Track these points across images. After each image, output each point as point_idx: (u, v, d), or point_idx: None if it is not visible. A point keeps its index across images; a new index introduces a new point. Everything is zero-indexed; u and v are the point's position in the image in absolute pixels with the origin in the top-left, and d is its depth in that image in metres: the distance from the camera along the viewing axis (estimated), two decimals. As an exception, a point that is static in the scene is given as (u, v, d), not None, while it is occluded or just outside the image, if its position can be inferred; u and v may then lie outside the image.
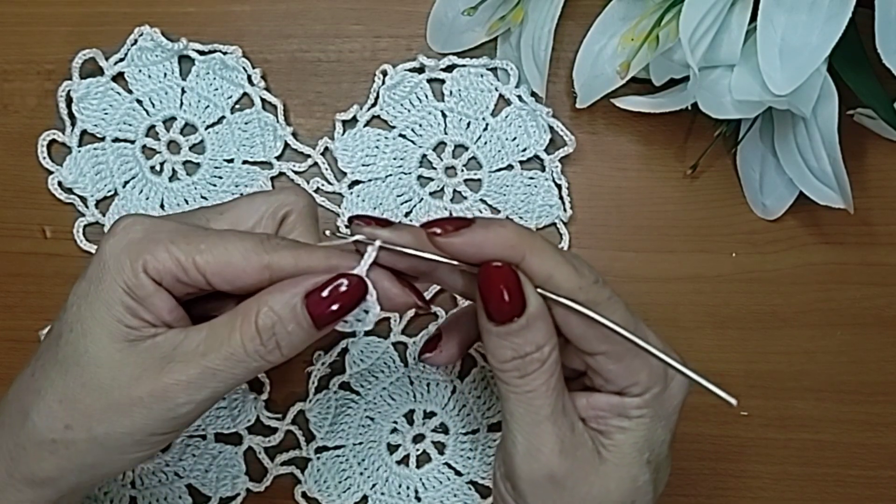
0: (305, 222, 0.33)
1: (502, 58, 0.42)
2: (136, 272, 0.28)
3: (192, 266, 0.28)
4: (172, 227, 0.29)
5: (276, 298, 0.28)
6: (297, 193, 0.33)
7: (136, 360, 0.28)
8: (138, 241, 0.29)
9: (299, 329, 0.28)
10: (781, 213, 0.42)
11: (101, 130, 0.43)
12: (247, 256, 0.28)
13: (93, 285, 0.29)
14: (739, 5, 0.37)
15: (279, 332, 0.28)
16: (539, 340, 0.29)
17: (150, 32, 0.42)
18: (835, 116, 0.37)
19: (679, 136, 0.43)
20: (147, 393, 0.28)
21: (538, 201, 0.42)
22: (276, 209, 0.32)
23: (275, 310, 0.28)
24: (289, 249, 0.29)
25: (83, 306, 0.29)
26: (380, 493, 0.42)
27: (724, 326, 0.43)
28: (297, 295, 0.28)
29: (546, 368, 0.29)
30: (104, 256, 0.29)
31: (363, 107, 0.43)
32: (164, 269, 0.28)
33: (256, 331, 0.28)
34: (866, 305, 0.43)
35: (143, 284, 0.28)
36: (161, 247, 0.28)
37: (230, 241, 0.29)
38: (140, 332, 0.29)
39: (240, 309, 0.29)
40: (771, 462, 0.43)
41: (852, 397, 0.43)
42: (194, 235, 0.29)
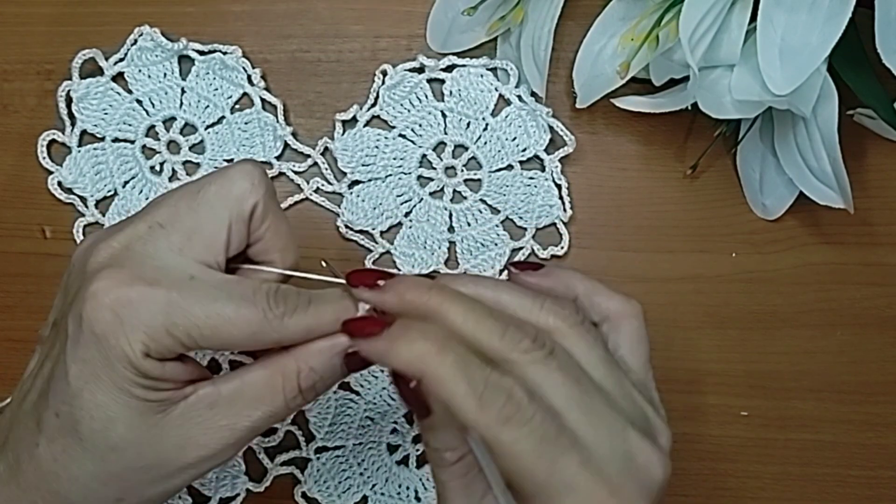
0: (271, 208, 0.30)
1: (502, 58, 0.42)
2: (140, 359, 0.27)
3: (195, 346, 0.27)
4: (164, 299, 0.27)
5: (317, 360, 0.29)
6: (250, 179, 0.29)
7: (174, 431, 0.28)
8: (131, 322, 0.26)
9: (335, 378, 0.30)
10: (781, 213, 0.42)
11: (101, 130, 0.43)
12: (255, 338, 0.28)
13: (100, 370, 0.27)
14: (739, 5, 0.37)
15: (320, 388, 0.29)
16: (448, 443, 0.29)
17: (150, 32, 0.42)
18: (835, 116, 0.37)
19: (679, 136, 0.43)
20: (196, 459, 0.28)
21: (538, 201, 0.42)
22: (240, 210, 0.29)
23: (317, 370, 0.29)
24: (296, 318, 0.28)
25: (97, 392, 0.27)
26: (380, 493, 0.42)
27: (724, 326, 0.43)
28: (337, 355, 0.29)
29: (455, 470, 0.29)
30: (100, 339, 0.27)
31: (363, 107, 0.43)
32: (168, 352, 0.27)
33: (300, 391, 0.29)
34: (866, 305, 0.43)
35: (151, 368, 0.27)
36: (161, 330, 0.27)
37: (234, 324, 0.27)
38: (168, 399, 0.28)
39: (276, 366, 0.29)
40: (771, 462, 0.43)
41: (852, 397, 0.43)
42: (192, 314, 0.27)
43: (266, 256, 0.31)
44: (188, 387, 0.28)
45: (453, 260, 0.43)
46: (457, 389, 0.25)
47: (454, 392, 0.25)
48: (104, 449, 0.27)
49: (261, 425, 0.29)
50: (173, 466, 0.28)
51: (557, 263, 0.43)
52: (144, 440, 0.28)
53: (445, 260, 0.42)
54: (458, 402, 0.25)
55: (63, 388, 0.27)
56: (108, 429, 0.27)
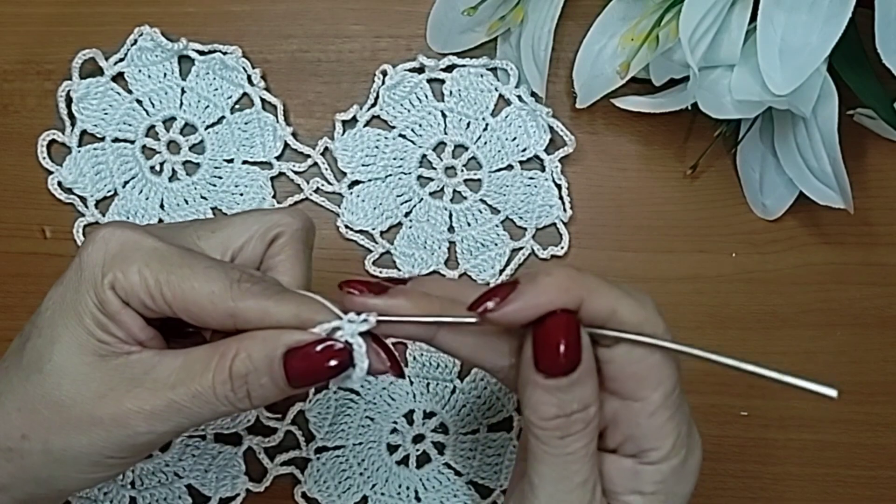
0: (295, 246, 0.31)
1: (502, 58, 0.42)
2: (105, 287, 0.27)
3: (158, 296, 0.27)
4: (151, 246, 0.28)
5: (256, 347, 0.27)
6: (292, 215, 0.31)
7: (102, 377, 0.27)
8: (114, 254, 0.27)
9: (272, 384, 0.27)
10: (781, 213, 0.42)
11: (101, 130, 0.43)
12: (213, 300, 0.27)
13: (68, 292, 0.28)
14: (739, 5, 0.37)
15: (251, 383, 0.27)
16: (587, 399, 0.27)
17: (150, 32, 0.42)
18: (835, 116, 0.37)
19: (679, 136, 0.43)
20: (108, 415, 0.27)
21: (538, 201, 0.42)
22: (267, 229, 0.30)
23: (252, 358, 0.27)
24: (257, 298, 0.27)
25: (56, 312, 0.28)
26: (380, 493, 0.42)
27: (724, 326, 0.43)
28: (277, 349, 0.27)
29: (588, 431, 0.27)
30: (81, 264, 0.28)
31: (363, 107, 0.43)
32: (132, 291, 0.27)
33: (229, 376, 0.27)
34: (866, 305, 0.43)
35: (111, 301, 0.27)
36: (133, 267, 0.27)
37: (198, 280, 0.27)
38: (111, 347, 0.28)
39: (218, 346, 0.28)
40: (771, 462, 0.43)
41: (852, 397, 0.42)
42: (169, 262, 0.27)
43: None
44: (136, 346, 0.28)
45: (453, 260, 0.43)
46: (617, 293, 0.27)
47: (617, 294, 0.27)
48: (33, 368, 0.28)
49: (182, 403, 0.27)
50: (84, 414, 0.27)
51: (557, 263, 0.43)
52: (69, 372, 0.27)
53: (445, 260, 0.42)
54: (625, 303, 0.27)
55: (37, 310, 0.29)
56: (45, 348, 0.28)
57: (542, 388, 0.27)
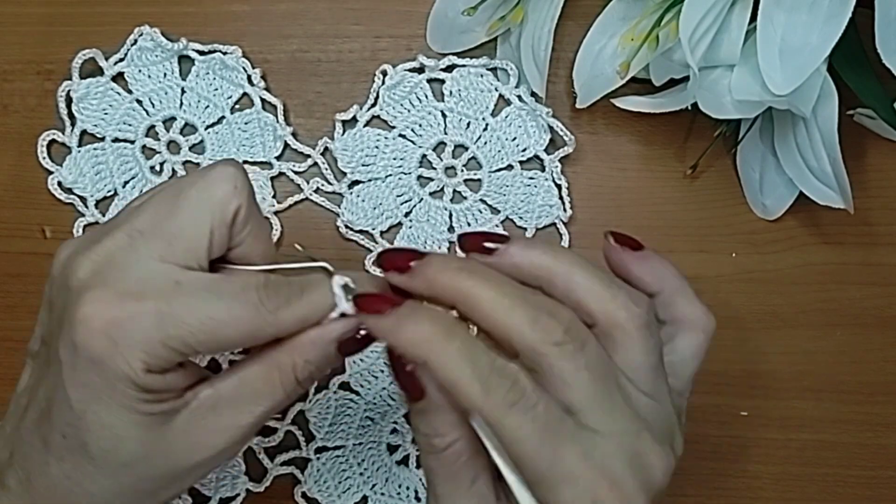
0: (253, 211, 0.30)
1: (502, 58, 0.42)
2: (140, 375, 0.27)
3: (193, 353, 0.27)
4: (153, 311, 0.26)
5: (311, 351, 0.29)
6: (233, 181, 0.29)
7: (180, 437, 0.28)
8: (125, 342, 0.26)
9: (331, 366, 0.30)
10: (781, 213, 0.42)
11: (101, 130, 0.43)
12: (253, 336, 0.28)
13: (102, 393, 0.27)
14: (739, 5, 0.37)
15: (315, 375, 0.30)
16: (438, 429, 0.28)
17: (150, 32, 0.42)
18: (835, 116, 0.37)
19: (679, 136, 0.43)
20: (205, 459, 0.29)
21: (538, 201, 0.42)
22: (223, 214, 0.28)
23: (312, 362, 0.29)
24: (289, 311, 0.28)
25: (102, 414, 0.27)
26: (380, 493, 0.42)
27: (724, 326, 0.42)
28: (331, 344, 0.29)
29: (445, 457, 0.28)
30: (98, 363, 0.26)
31: (363, 107, 0.43)
32: (168, 363, 0.27)
33: (298, 383, 0.29)
34: (866, 305, 0.43)
35: (153, 382, 0.27)
36: (156, 344, 0.26)
37: (228, 324, 0.27)
38: (171, 410, 0.28)
39: (272, 362, 0.29)
40: (771, 462, 0.43)
41: (852, 397, 0.43)
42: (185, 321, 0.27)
43: (247, 260, 0.30)
44: (188, 392, 0.28)
45: (453, 260, 0.43)
46: (461, 374, 0.25)
47: (459, 376, 0.26)
48: (115, 466, 0.28)
49: (264, 419, 0.29)
50: (184, 470, 0.29)
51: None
52: (154, 452, 0.28)
53: (445, 260, 0.42)
54: (463, 386, 0.25)
55: (66, 411, 0.27)
56: (118, 447, 0.27)
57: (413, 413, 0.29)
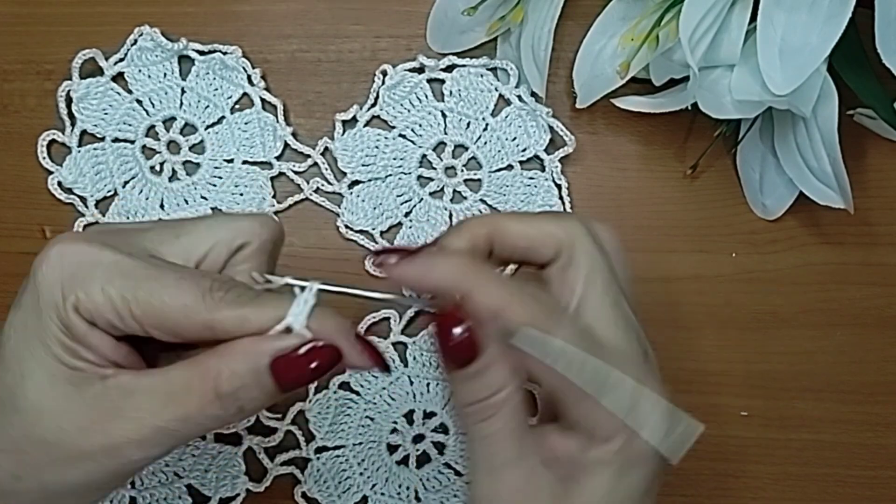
0: (260, 258, 0.30)
1: (502, 58, 0.42)
2: (68, 311, 0.26)
3: (127, 314, 0.26)
4: (111, 260, 0.26)
5: (239, 362, 0.26)
6: (262, 224, 0.30)
7: (82, 409, 0.26)
8: (72, 273, 0.26)
9: (263, 394, 0.27)
10: (781, 213, 0.42)
11: (101, 130, 0.43)
12: (186, 313, 0.26)
13: (29, 318, 0.26)
14: (739, 5, 0.37)
15: (242, 398, 0.26)
16: (496, 385, 0.27)
17: (150, 32, 0.42)
18: (835, 116, 0.37)
19: (679, 136, 0.43)
20: (97, 447, 0.26)
21: (538, 201, 0.42)
22: (234, 237, 0.29)
23: (237, 374, 0.26)
24: (233, 307, 0.26)
25: (20, 342, 0.26)
26: (380, 493, 0.42)
27: (724, 326, 0.43)
28: (262, 359, 0.26)
29: (504, 413, 0.27)
30: (37, 285, 0.26)
31: (363, 107, 0.43)
32: (97, 312, 0.26)
33: (216, 396, 0.26)
34: (866, 305, 0.43)
35: (76, 324, 0.26)
36: (96, 286, 0.26)
37: (170, 292, 0.26)
38: (85, 373, 0.26)
39: (198, 365, 0.26)
40: (771, 462, 0.43)
41: (852, 397, 0.43)
42: (134, 277, 0.26)
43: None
44: (110, 368, 0.27)
45: (453, 260, 0.43)
46: (506, 291, 0.27)
47: (506, 292, 0.27)
48: (9, 408, 0.26)
49: (172, 428, 0.26)
50: (73, 449, 0.26)
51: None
52: (48, 409, 0.26)
53: (445, 260, 0.42)
54: (514, 303, 0.26)
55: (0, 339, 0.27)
56: (18, 385, 0.26)
57: (454, 379, 0.28)
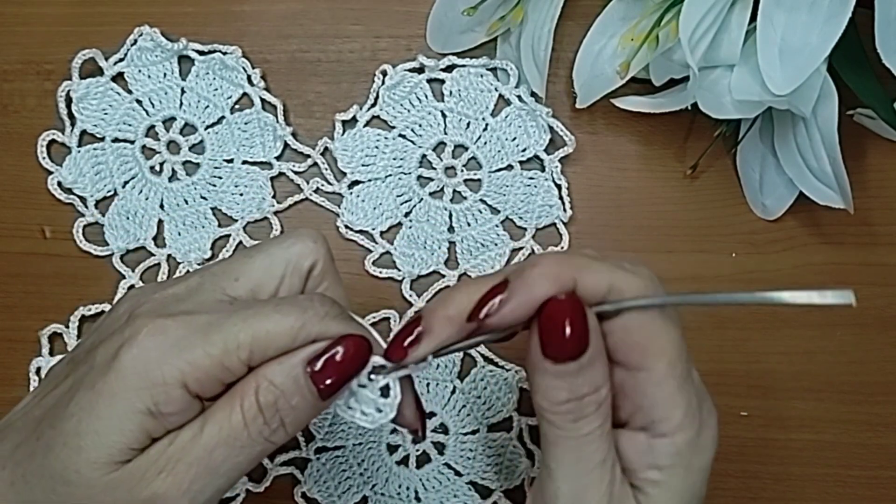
0: (332, 271, 0.30)
1: (502, 58, 0.42)
2: (173, 387, 0.25)
3: (236, 362, 0.26)
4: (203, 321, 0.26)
5: (276, 371, 0.26)
6: (315, 240, 0.29)
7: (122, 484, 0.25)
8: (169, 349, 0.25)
9: (304, 402, 0.26)
10: (781, 213, 0.42)
11: (101, 130, 0.43)
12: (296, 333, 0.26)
13: (104, 399, 0.25)
14: (739, 5, 0.37)
15: (283, 408, 0.26)
16: (598, 380, 0.27)
17: (149, 32, 0.42)
18: (835, 116, 0.37)
19: (679, 136, 0.43)
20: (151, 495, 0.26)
21: (538, 201, 0.42)
22: (298, 263, 0.29)
23: (276, 383, 0.26)
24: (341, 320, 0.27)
25: (86, 421, 0.25)
26: (379, 493, 0.42)
27: (724, 326, 0.43)
28: (297, 365, 0.26)
29: (602, 412, 0.27)
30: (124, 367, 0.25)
31: (363, 107, 0.43)
32: (208, 376, 0.25)
33: (259, 409, 0.26)
34: (866, 305, 0.43)
35: (176, 399, 0.25)
36: (198, 351, 0.25)
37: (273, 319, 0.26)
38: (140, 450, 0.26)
39: (236, 390, 0.26)
40: (771, 462, 0.43)
41: (852, 397, 0.43)
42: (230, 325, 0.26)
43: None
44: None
45: (453, 260, 0.43)
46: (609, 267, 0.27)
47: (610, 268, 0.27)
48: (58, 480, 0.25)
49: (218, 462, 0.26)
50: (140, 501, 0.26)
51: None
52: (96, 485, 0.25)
53: (445, 260, 0.42)
54: (620, 275, 0.27)
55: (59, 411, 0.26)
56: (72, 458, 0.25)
57: (551, 374, 0.26)
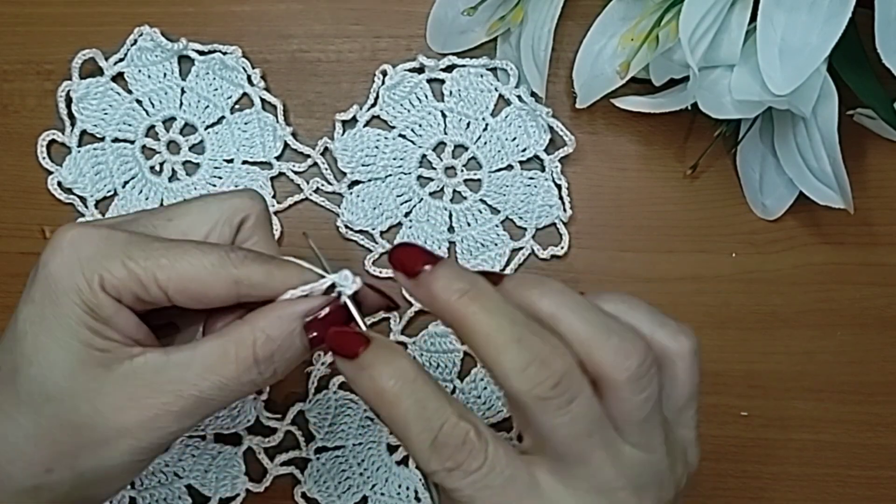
0: (264, 228, 0.30)
1: (502, 58, 0.42)
2: (95, 291, 0.26)
3: (152, 282, 0.26)
4: (125, 238, 0.27)
5: (274, 325, 0.27)
6: (251, 197, 0.30)
7: (115, 389, 0.26)
8: (90, 256, 0.26)
9: (296, 353, 0.28)
10: (781, 213, 0.42)
11: (101, 130, 0.43)
12: (213, 272, 0.26)
13: (46, 309, 0.26)
14: (739, 5, 0.37)
15: (277, 360, 0.27)
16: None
17: (149, 32, 0.42)
18: (835, 116, 0.37)
19: (679, 136, 0.43)
20: (135, 423, 0.26)
21: (538, 201, 0.42)
22: (231, 214, 0.29)
23: (273, 338, 0.27)
24: (258, 263, 0.27)
25: (40, 334, 0.26)
26: (379, 493, 0.42)
27: (724, 326, 0.43)
28: (295, 320, 0.27)
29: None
30: (52, 275, 0.26)
31: (363, 107, 0.43)
32: (123, 286, 0.26)
33: (255, 361, 0.27)
34: (866, 305, 0.43)
35: (104, 303, 0.26)
36: (117, 262, 0.26)
37: (192, 255, 0.27)
38: (113, 353, 0.26)
39: (231, 335, 0.27)
40: (771, 462, 0.43)
41: (852, 397, 0.43)
42: (152, 248, 0.27)
43: None
44: (136, 347, 0.27)
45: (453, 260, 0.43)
46: (410, 433, 0.25)
47: (408, 436, 0.25)
48: (39, 399, 0.26)
49: (209, 396, 0.27)
50: (109, 428, 0.26)
51: (559, 264, 0.43)
52: (81, 393, 0.26)
53: (445, 260, 0.42)
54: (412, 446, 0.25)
55: (10, 334, 0.27)
56: (46, 375, 0.26)
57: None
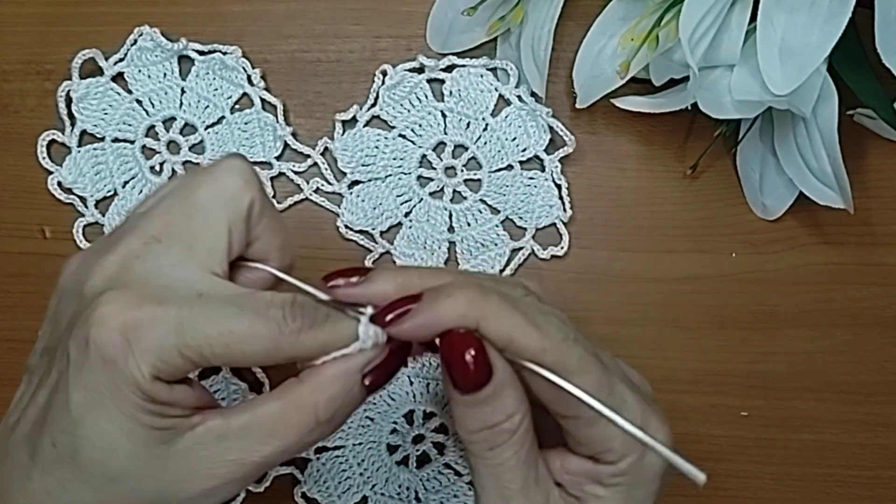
0: (267, 203, 0.29)
1: (502, 58, 0.42)
2: (149, 383, 0.25)
3: (207, 363, 0.26)
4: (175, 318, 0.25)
5: (334, 385, 0.27)
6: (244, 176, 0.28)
7: (179, 463, 0.26)
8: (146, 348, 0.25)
9: (355, 404, 0.28)
10: (781, 213, 0.42)
11: (101, 130, 0.43)
12: (269, 353, 0.26)
13: (105, 399, 0.25)
14: (739, 5, 0.37)
15: (338, 416, 0.27)
16: (508, 409, 0.27)
17: (149, 32, 0.42)
18: (835, 116, 0.37)
19: (679, 136, 0.43)
20: (199, 493, 0.26)
21: (538, 201, 0.42)
22: (238, 211, 0.28)
23: (336, 399, 0.27)
24: (311, 335, 0.26)
25: (100, 421, 0.25)
26: (379, 493, 0.42)
27: (724, 326, 0.43)
28: (354, 375, 0.27)
29: (516, 439, 0.27)
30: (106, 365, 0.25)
31: (363, 107, 0.43)
32: (180, 371, 0.26)
33: (317, 424, 0.27)
34: (866, 305, 0.43)
35: (161, 392, 0.26)
36: (174, 352, 0.25)
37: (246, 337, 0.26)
38: (175, 428, 0.26)
39: (290, 397, 0.27)
40: (771, 462, 0.43)
41: (852, 397, 0.43)
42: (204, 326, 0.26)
43: (264, 255, 0.30)
44: (195, 416, 0.27)
45: (453, 260, 0.43)
46: (516, 319, 0.26)
47: (516, 323, 0.26)
48: (103, 480, 0.26)
49: (271, 461, 0.27)
50: (174, 500, 0.27)
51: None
52: (146, 471, 0.26)
53: (445, 260, 0.42)
54: (522, 333, 0.26)
55: (62, 416, 0.26)
56: (109, 458, 0.26)
57: (461, 403, 0.27)
